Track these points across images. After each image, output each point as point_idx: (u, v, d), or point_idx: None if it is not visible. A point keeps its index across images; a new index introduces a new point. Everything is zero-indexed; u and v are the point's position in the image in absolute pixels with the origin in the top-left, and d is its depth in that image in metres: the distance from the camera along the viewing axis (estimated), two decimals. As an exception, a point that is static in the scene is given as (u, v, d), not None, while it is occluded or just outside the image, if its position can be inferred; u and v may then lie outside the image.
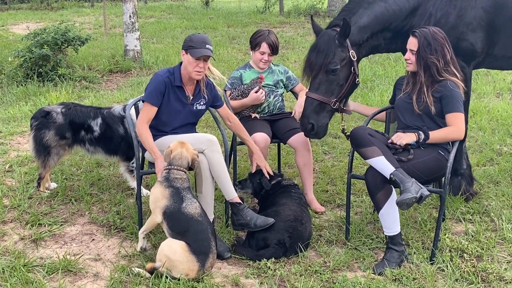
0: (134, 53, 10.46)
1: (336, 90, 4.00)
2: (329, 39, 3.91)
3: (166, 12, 17.62)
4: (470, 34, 4.19)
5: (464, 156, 4.59)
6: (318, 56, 3.91)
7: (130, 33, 10.45)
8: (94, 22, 15.78)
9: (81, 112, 4.74)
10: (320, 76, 3.95)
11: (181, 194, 3.59)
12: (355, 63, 3.98)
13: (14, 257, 3.68)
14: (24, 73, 9.05)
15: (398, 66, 9.40)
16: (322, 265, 3.63)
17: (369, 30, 4.03)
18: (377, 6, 4.02)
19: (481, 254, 3.73)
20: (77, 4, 21.73)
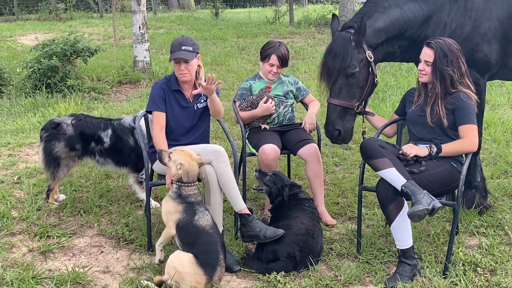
0: (143, 64, 10.52)
1: (357, 93, 4.02)
2: (345, 41, 3.93)
3: (176, 23, 17.70)
4: (485, 45, 4.20)
5: (478, 169, 4.57)
6: (336, 60, 3.93)
7: (140, 44, 10.52)
8: (103, 33, 15.87)
9: (91, 124, 4.78)
10: (340, 81, 3.97)
11: (194, 208, 3.63)
12: (373, 64, 3.99)
13: (22, 269, 3.70)
14: (33, 84, 9.11)
15: (410, 77, 9.39)
16: (333, 279, 3.63)
17: (385, 34, 4.05)
18: (392, 11, 4.05)
19: (495, 268, 3.71)
20: (86, 15, 21.87)
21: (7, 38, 15.52)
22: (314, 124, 4.72)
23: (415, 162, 3.69)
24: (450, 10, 4.13)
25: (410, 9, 4.07)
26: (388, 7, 4.06)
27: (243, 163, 4.56)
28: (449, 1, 4.14)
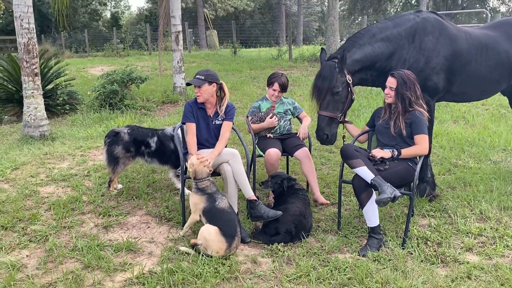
0: (180, 89, 10.55)
1: (340, 106, 4.00)
2: (331, 68, 3.92)
3: (205, 59, 17.76)
4: (435, 76, 4.18)
5: (429, 167, 4.55)
6: (324, 82, 3.92)
7: (178, 74, 10.55)
8: (151, 66, 15.95)
9: (141, 132, 4.79)
10: (327, 98, 3.95)
11: (213, 196, 3.64)
12: (351, 85, 3.99)
13: (90, 239, 3.72)
14: (99, 103, 9.15)
15: (378, 99, 9.35)
16: (320, 249, 3.62)
17: (360, 64, 4.04)
18: (366, 47, 4.05)
19: (441, 242, 3.68)
20: (139, 52, 22.00)
21: (81, 69, 15.63)
22: (306, 134, 4.70)
23: (381, 162, 3.67)
24: (408, 49, 4.12)
25: (379, 46, 4.07)
26: (363, 44, 4.06)
27: (253, 162, 4.56)
28: (407, 42, 4.12)
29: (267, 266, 3.37)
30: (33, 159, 5.93)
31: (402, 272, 3.23)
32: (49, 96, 8.96)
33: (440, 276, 3.20)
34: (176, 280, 3.09)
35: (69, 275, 3.16)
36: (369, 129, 4.19)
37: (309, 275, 3.19)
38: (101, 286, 3.06)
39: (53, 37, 28.32)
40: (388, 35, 4.09)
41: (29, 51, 6.99)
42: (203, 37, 25.76)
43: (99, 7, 37.38)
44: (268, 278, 3.19)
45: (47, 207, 4.42)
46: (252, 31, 31.89)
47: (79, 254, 3.47)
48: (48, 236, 3.78)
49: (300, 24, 28.85)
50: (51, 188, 4.93)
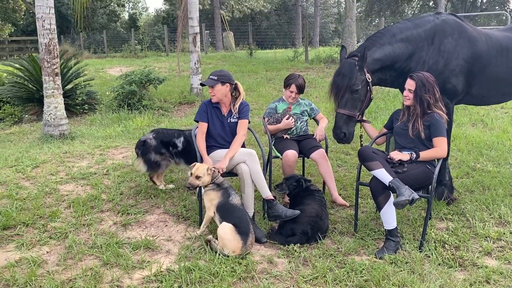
0: (197, 90, 10.61)
1: (358, 105, 3.98)
2: (351, 66, 3.90)
3: (221, 60, 17.82)
4: (454, 78, 4.15)
5: (447, 170, 4.50)
6: (344, 80, 3.89)
7: (195, 75, 10.62)
8: (169, 67, 16.07)
9: (167, 134, 4.83)
10: (346, 96, 3.93)
11: (228, 191, 3.68)
12: (370, 84, 3.96)
13: (109, 237, 3.77)
14: (118, 103, 9.26)
15: (395, 101, 9.28)
16: (336, 250, 3.61)
17: (380, 63, 4.01)
18: (386, 47, 4.03)
19: (459, 245, 3.65)
20: (156, 53, 22.18)
21: (100, 70, 15.83)
22: (323, 135, 4.70)
23: (399, 164, 3.65)
24: (427, 51, 4.09)
25: (399, 47, 4.04)
26: (383, 43, 4.04)
27: (270, 163, 4.57)
28: (427, 43, 4.09)
29: (283, 266, 3.37)
30: (53, 158, 6.03)
31: (419, 275, 3.21)
32: (68, 96, 9.10)
33: (458, 280, 3.17)
34: (193, 278, 3.11)
35: (88, 272, 3.21)
36: (387, 131, 4.16)
37: (325, 276, 3.19)
38: (119, 283, 3.10)
39: (72, 37, 28.73)
40: (408, 35, 4.07)
41: (50, 51, 7.12)
42: (220, 39, 25.87)
43: (117, 8, 37.79)
44: (284, 278, 3.20)
45: (67, 204, 4.50)
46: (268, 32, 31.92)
47: (98, 252, 3.52)
48: (67, 233, 3.85)
49: (317, 26, 28.77)
50: (71, 186, 5.01)
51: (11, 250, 3.57)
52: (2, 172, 5.44)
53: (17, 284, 3.06)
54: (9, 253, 3.52)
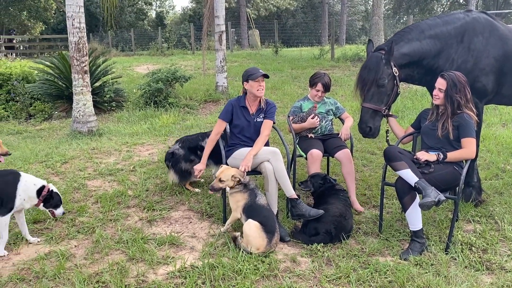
0: (222, 88, 10.67)
1: (385, 99, 3.94)
2: (377, 59, 3.87)
3: (246, 58, 17.87)
4: (484, 78, 4.06)
5: (475, 172, 4.42)
6: (370, 74, 3.87)
7: (220, 73, 10.68)
8: (195, 65, 16.20)
9: (193, 140, 4.90)
10: (372, 90, 3.90)
11: (255, 192, 3.70)
12: (397, 78, 3.91)
13: (135, 232, 3.85)
14: (144, 101, 9.39)
15: (423, 101, 9.13)
16: (360, 251, 3.59)
17: (408, 57, 3.95)
18: (414, 42, 3.97)
19: (486, 248, 3.58)
20: (183, 52, 22.38)
21: (127, 67, 16.08)
22: (348, 135, 4.67)
23: (426, 165, 3.60)
24: (457, 49, 4.01)
25: (427, 43, 3.97)
26: (411, 39, 3.98)
27: (294, 161, 4.57)
28: (456, 41, 4.02)
29: (307, 265, 3.37)
30: (81, 154, 6.17)
31: (444, 277, 3.16)
32: (96, 93, 9.29)
33: (485, 283, 3.11)
34: (217, 275, 3.15)
35: (114, 266, 3.29)
36: (414, 130, 4.11)
37: (349, 277, 3.18)
38: (144, 278, 3.16)
39: (100, 35, 29.29)
40: (437, 32, 4.00)
41: (79, 49, 7.28)
42: (245, 37, 25.93)
43: (145, 6, 38.32)
44: (307, 277, 3.20)
45: (94, 200, 4.60)
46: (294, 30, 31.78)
47: (124, 246, 3.60)
48: (95, 228, 3.94)
49: (343, 23, 28.53)
50: (98, 182, 5.12)
51: (41, 243, 3.68)
52: (32, 167, 5.61)
53: (47, 276, 3.16)
54: (39, 246, 3.63)
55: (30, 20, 31.98)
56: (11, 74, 9.72)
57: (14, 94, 9.49)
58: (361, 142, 6.58)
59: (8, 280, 3.13)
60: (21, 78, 9.72)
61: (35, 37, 28.03)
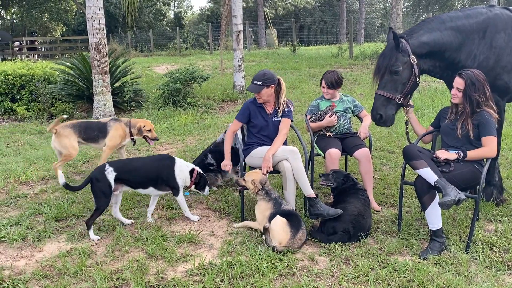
0: (240, 87, 10.71)
1: (400, 87, 3.89)
2: (392, 47, 3.85)
3: (264, 57, 17.89)
4: (505, 75, 3.99)
5: (497, 171, 4.35)
6: (384, 60, 3.85)
7: (238, 73, 10.73)
8: (212, 65, 16.28)
9: (197, 162, 4.91)
10: (386, 77, 3.87)
11: (279, 201, 3.79)
12: (415, 66, 3.85)
13: (154, 230, 3.89)
14: (163, 101, 9.48)
15: (443, 99, 9.01)
16: (379, 250, 3.57)
17: (428, 47, 3.88)
18: (435, 32, 3.90)
19: (508, 248, 3.51)
20: (200, 52, 22.52)
21: (146, 68, 16.24)
22: (367, 133, 4.64)
23: (445, 164, 3.56)
24: (478, 44, 3.95)
25: (448, 35, 3.91)
26: (432, 28, 3.92)
27: (312, 160, 4.56)
28: (478, 36, 3.95)
29: (325, 264, 3.37)
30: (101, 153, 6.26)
31: (465, 277, 3.12)
32: (116, 93, 9.41)
33: (506, 284, 3.06)
34: (235, 273, 3.17)
35: (134, 264, 3.34)
36: (433, 129, 4.07)
37: (367, 276, 3.16)
38: (164, 275, 3.20)
39: (120, 36, 29.66)
40: (458, 25, 3.94)
41: (99, 50, 7.40)
42: (263, 36, 25.97)
43: (163, 7, 38.65)
44: (325, 276, 3.20)
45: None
46: (312, 29, 31.68)
47: (143, 244, 3.65)
48: (115, 225, 4.01)
49: (362, 21, 28.31)
50: (118, 180, 5.18)
51: (63, 241, 3.76)
52: (54, 166, 5.72)
53: (68, 273, 3.23)
54: (61, 244, 3.71)
55: (51, 22, 32.59)
56: (33, 75, 9.92)
57: (36, 94, 9.68)
58: (380, 141, 6.54)
59: (32, 276, 3.21)
60: (43, 79, 9.91)
61: (56, 38, 28.53)
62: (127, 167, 3.98)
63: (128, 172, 3.94)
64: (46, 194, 4.82)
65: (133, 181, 3.97)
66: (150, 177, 3.98)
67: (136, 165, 4.06)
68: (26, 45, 24.73)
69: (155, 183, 4.00)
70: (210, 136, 7.26)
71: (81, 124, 5.22)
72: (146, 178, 3.98)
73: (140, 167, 4.03)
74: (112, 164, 3.93)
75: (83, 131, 5.14)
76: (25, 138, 7.73)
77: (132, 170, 3.97)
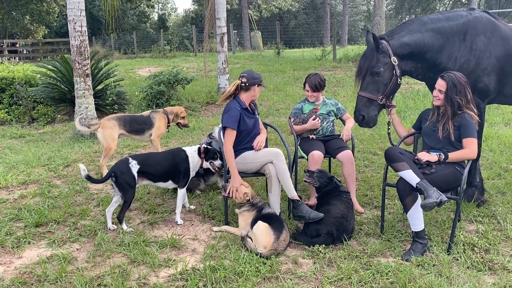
0: (224, 89, 10.65)
1: (381, 88, 3.91)
2: (373, 48, 3.87)
3: (248, 60, 17.87)
4: (485, 78, 4.05)
5: (478, 172, 4.40)
6: (366, 62, 3.87)
7: (222, 75, 10.70)
8: (197, 67, 16.21)
9: None
10: (367, 78, 3.89)
11: (262, 207, 3.83)
12: (397, 67, 3.88)
13: (136, 235, 3.85)
14: (146, 103, 9.40)
15: (425, 101, 9.11)
16: (362, 252, 3.58)
17: (409, 48, 3.92)
18: (415, 33, 3.94)
19: (489, 248, 3.56)
20: (185, 54, 22.43)
21: (129, 70, 16.10)
22: (350, 136, 4.66)
23: (427, 165, 3.59)
24: (459, 47, 3.99)
25: (429, 36, 3.94)
26: (413, 30, 3.96)
27: (295, 163, 4.56)
28: (458, 39, 4.00)
29: (308, 267, 3.37)
30: (84, 157, 6.19)
31: (446, 278, 3.15)
32: (99, 96, 9.30)
33: (487, 284, 3.09)
34: (218, 277, 3.15)
35: (116, 269, 3.29)
36: (415, 131, 4.10)
37: (350, 278, 3.17)
38: (146, 281, 3.16)
39: (103, 38, 29.37)
40: (439, 26, 3.98)
41: (81, 53, 7.31)
42: (247, 38, 25.97)
43: (147, 9, 38.41)
44: (308, 279, 3.20)
45: (96, 203, 4.61)
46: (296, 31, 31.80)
47: (125, 249, 3.60)
48: (97, 231, 3.95)
49: (345, 24, 28.50)
50: (100, 185, 5.13)
51: (43, 247, 3.69)
52: (35, 171, 5.63)
53: (48, 280, 3.17)
54: (41, 250, 3.64)
55: (33, 24, 32.15)
56: (13, 78, 9.76)
57: (17, 98, 9.53)
58: (363, 143, 6.57)
59: (10, 284, 3.14)
60: (24, 82, 9.76)
61: (38, 41, 28.13)
62: (149, 161, 4.11)
63: (150, 165, 4.08)
64: (26, 199, 4.74)
65: (154, 174, 4.10)
66: (168, 171, 4.13)
67: (157, 159, 4.18)
68: (7, 48, 24.33)
69: (173, 176, 4.15)
70: (194, 139, 7.22)
71: (126, 117, 5.48)
72: (165, 172, 4.13)
73: (161, 160, 4.16)
74: (135, 157, 4.08)
75: (128, 123, 5.34)
76: (5, 142, 7.59)
77: (153, 163, 4.11)
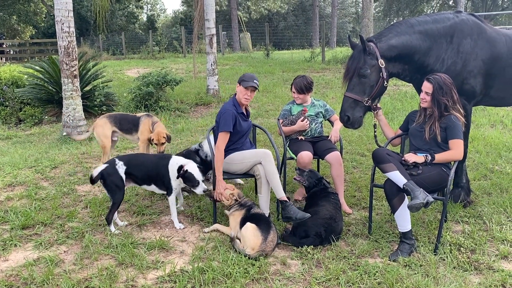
0: (213, 91, 10.68)
1: (367, 90, 3.92)
2: (361, 50, 3.89)
3: (238, 61, 17.88)
4: (472, 80, 4.09)
5: (464, 173, 4.45)
6: (353, 63, 3.89)
7: (211, 77, 10.69)
8: (186, 68, 16.18)
9: None
10: (354, 79, 3.91)
11: (251, 207, 3.84)
12: (384, 70, 3.90)
13: (124, 237, 3.82)
14: (135, 104, 9.37)
15: (413, 102, 9.19)
16: (350, 252, 3.60)
17: (397, 50, 3.94)
18: (403, 36, 3.97)
19: (475, 249, 3.60)
20: (174, 55, 22.36)
21: (118, 71, 16.01)
22: (338, 137, 4.68)
23: (414, 167, 3.62)
24: (446, 49, 4.03)
25: (417, 37, 3.98)
26: (400, 32, 3.99)
27: (284, 164, 4.57)
28: (445, 41, 4.03)
29: (296, 268, 3.38)
30: (71, 159, 6.14)
31: (433, 278, 3.18)
32: (87, 97, 9.24)
33: (473, 284, 3.13)
34: (207, 279, 3.14)
35: (104, 272, 3.26)
36: (402, 132, 4.13)
37: (338, 279, 3.18)
38: (134, 283, 3.14)
39: (91, 39, 29.14)
40: (426, 28, 4.01)
41: (69, 53, 7.25)
42: (237, 40, 25.95)
43: (136, 10, 38.20)
44: (297, 280, 3.21)
45: (84, 205, 4.58)
46: (285, 33, 31.86)
47: (113, 251, 3.57)
48: (84, 233, 3.92)
49: (334, 26, 28.64)
50: (88, 187, 5.09)
51: (29, 249, 3.65)
52: (22, 172, 5.57)
53: (35, 282, 3.13)
54: (28, 252, 3.60)
55: (20, 25, 31.79)
56: (0, 79, 9.64)
57: (3, 99, 9.42)
58: (351, 144, 6.61)
59: (-4, 287, 3.10)
60: (11, 83, 9.65)
61: (25, 41, 27.82)
62: (134, 162, 4.09)
63: (135, 166, 4.05)
64: (13, 201, 4.68)
65: (138, 176, 4.07)
66: (151, 174, 4.08)
67: (142, 160, 4.15)
68: (-7, 48, 24.05)
69: (155, 180, 4.09)
70: (183, 140, 7.20)
71: (117, 115, 5.62)
72: (148, 175, 4.08)
73: (145, 162, 4.12)
74: (121, 158, 4.09)
75: (118, 121, 5.47)
76: (-9, 143, 7.50)
77: (138, 164, 4.08)
